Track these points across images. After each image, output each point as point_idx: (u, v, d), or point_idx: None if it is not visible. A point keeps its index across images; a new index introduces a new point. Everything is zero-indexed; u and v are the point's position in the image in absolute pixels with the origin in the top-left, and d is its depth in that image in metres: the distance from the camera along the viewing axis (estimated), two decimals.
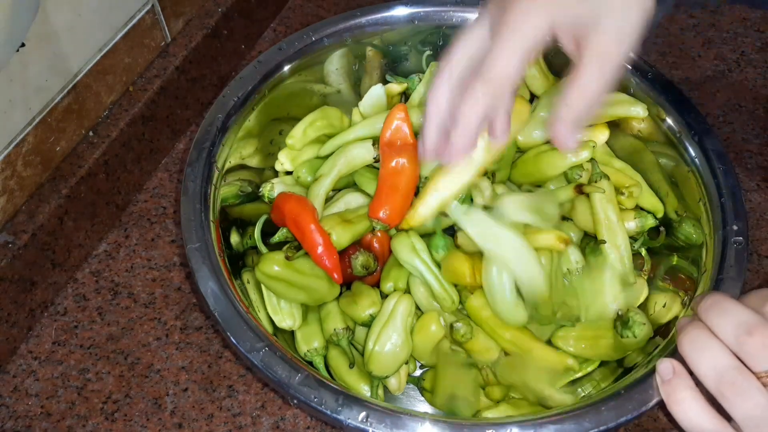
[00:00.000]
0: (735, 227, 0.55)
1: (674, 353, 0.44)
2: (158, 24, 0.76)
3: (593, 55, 0.37)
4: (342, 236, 0.61)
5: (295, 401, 0.49)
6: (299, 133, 0.67)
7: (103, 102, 0.71)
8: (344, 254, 0.62)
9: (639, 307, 0.62)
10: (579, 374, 0.61)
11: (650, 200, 0.66)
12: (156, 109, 0.76)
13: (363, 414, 0.47)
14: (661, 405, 0.44)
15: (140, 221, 0.75)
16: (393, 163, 0.62)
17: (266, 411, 0.62)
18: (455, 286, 0.61)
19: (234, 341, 0.51)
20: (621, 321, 0.57)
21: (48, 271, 0.66)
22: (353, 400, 0.48)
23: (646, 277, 0.63)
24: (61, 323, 0.67)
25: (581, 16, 0.36)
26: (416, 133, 0.65)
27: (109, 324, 0.67)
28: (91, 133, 0.71)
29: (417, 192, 0.64)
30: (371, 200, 0.64)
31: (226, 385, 0.63)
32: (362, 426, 0.47)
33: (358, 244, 0.63)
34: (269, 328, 0.58)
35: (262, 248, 0.61)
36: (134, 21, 0.72)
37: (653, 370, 0.46)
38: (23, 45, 0.58)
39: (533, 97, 0.72)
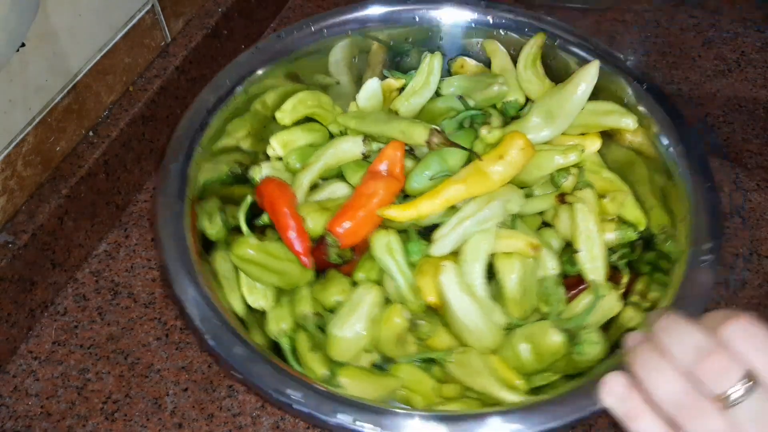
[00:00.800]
0: (707, 246, 0.55)
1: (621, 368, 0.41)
2: (158, 24, 0.76)
3: None
4: (317, 223, 0.62)
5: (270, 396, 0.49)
6: (289, 107, 0.69)
7: (103, 102, 0.71)
8: (322, 242, 0.63)
9: (611, 320, 0.60)
10: (543, 383, 0.60)
11: (634, 212, 0.65)
12: (156, 109, 0.76)
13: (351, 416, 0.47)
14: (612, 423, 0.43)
15: (140, 221, 0.75)
16: (370, 189, 0.62)
17: (266, 411, 0.62)
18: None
19: (214, 346, 0.51)
20: (572, 338, 0.55)
21: (48, 271, 0.66)
22: (339, 400, 0.48)
23: (622, 291, 0.62)
24: (61, 323, 0.67)
25: None
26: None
27: (109, 324, 0.67)
28: (91, 133, 0.71)
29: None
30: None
31: (226, 385, 0.63)
32: (351, 425, 0.47)
33: None
34: (242, 307, 0.60)
35: (245, 229, 0.62)
36: (134, 21, 0.72)
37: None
38: (23, 45, 0.58)
39: (528, 101, 0.72)
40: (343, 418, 0.47)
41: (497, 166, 0.61)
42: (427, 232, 0.64)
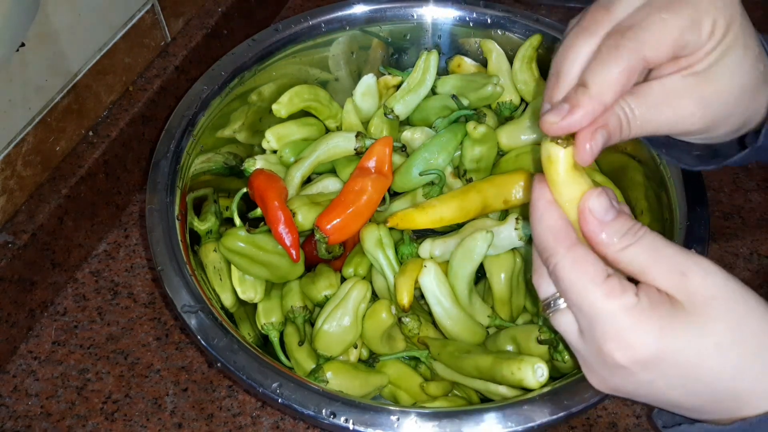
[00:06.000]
0: (694, 250, 0.55)
1: None
2: (158, 24, 0.76)
3: None
4: (307, 217, 0.62)
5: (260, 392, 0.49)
6: (285, 99, 0.69)
7: (103, 102, 0.71)
8: (312, 236, 0.63)
9: None
10: None
11: None
12: (156, 109, 0.76)
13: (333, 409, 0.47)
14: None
15: (140, 221, 0.75)
16: (358, 186, 0.62)
17: (266, 411, 0.62)
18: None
19: (201, 342, 0.51)
20: (551, 344, 0.55)
21: (48, 271, 0.66)
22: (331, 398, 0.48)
23: None
24: (61, 323, 0.67)
25: None
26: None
27: (109, 324, 0.67)
28: (91, 133, 0.71)
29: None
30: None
31: (226, 385, 0.63)
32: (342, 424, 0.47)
33: None
34: (231, 299, 0.60)
35: (237, 221, 0.62)
36: (134, 21, 0.72)
37: None
38: (23, 45, 0.58)
39: (523, 102, 0.72)
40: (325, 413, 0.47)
41: (501, 206, 0.62)
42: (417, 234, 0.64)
